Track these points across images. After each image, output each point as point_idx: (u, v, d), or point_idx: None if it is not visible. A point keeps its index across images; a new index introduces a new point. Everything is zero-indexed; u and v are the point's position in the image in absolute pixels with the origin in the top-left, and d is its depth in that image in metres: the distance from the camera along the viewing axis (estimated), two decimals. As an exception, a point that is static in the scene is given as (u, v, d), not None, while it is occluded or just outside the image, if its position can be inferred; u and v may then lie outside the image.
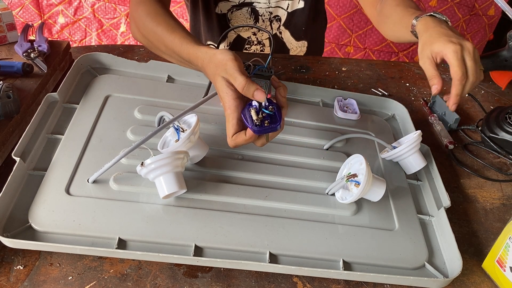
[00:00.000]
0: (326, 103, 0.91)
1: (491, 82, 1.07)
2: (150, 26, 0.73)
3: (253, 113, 0.59)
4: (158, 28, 0.71)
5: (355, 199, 0.65)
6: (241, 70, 0.60)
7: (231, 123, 0.61)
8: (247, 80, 0.59)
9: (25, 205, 0.61)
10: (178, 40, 0.69)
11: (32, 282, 0.56)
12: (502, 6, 0.73)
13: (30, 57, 0.84)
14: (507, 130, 0.84)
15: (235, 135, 0.61)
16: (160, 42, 0.72)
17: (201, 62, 0.65)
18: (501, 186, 0.80)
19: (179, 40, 0.69)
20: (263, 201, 0.66)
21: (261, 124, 0.58)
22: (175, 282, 0.58)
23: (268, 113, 0.59)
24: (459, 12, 1.86)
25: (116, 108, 0.77)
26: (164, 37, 0.70)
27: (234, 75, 0.59)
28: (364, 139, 0.81)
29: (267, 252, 0.61)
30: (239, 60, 0.61)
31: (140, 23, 0.75)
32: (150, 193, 0.64)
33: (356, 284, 0.61)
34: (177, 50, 0.69)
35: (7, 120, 0.71)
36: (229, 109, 0.61)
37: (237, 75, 0.59)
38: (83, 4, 1.84)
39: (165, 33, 0.70)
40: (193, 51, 0.67)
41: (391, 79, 1.04)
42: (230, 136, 0.61)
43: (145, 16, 0.74)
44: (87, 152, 0.68)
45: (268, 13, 1.07)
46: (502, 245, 0.61)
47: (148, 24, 0.73)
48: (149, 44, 0.76)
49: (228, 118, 0.61)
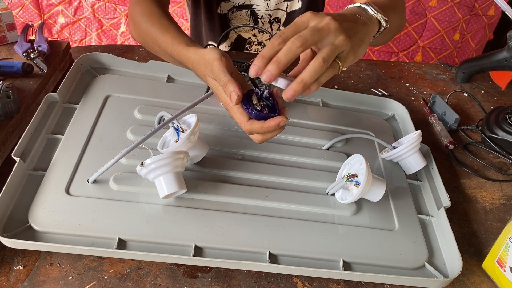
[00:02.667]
0: (326, 103, 0.91)
1: (491, 82, 1.07)
2: (144, 26, 0.73)
3: (254, 98, 0.59)
4: (152, 29, 0.71)
5: (355, 199, 0.65)
6: (226, 68, 0.59)
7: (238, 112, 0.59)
8: (228, 80, 0.57)
9: (25, 205, 0.61)
10: (170, 40, 0.69)
11: (32, 282, 0.56)
12: (502, 6, 0.73)
13: (30, 57, 0.84)
14: (507, 130, 0.84)
15: (250, 121, 0.59)
16: (154, 42, 0.72)
17: (191, 64, 0.65)
18: (501, 186, 0.80)
19: (171, 40, 0.68)
20: (263, 201, 0.66)
21: (260, 110, 0.59)
22: (175, 282, 0.58)
23: (267, 103, 0.60)
24: (459, 12, 1.86)
25: (116, 108, 0.77)
26: (157, 37, 0.70)
27: (219, 75, 0.58)
28: (364, 139, 0.81)
29: (267, 252, 0.61)
30: (226, 57, 0.60)
31: (136, 23, 0.75)
32: (150, 193, 0.64)
33: (356, 284, 0.61)
34: (169, 51, 0.69)
35: (7, 120, 0.71)
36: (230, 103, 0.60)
37: (221, 75, 0.58)
38: (83, 4, 1.84)
39: (158, 34, 0.70)
40: (183, 53, 0.66)
41: (391, 79, 1.04)
42: (245, 121, 0.59)
43: (141, 16, 0.74)
44: (87, 152, 0.68)
45: (267, 15, 1.07)
46: (502, 245, 0.61)
47: (143, 24, 0.73)
48: (146, 44, 0.76)
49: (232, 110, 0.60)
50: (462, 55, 1.98)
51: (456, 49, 1.97)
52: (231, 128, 0.78)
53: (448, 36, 1.92)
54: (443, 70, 1.10)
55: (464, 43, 1.96)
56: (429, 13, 1.86)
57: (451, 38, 1.92)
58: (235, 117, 0.60)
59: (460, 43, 1.95)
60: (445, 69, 1.10)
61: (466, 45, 1.97)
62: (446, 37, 1.92)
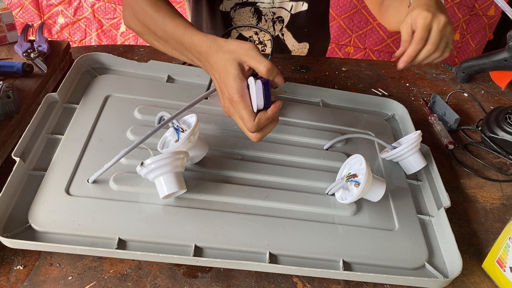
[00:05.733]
0: (326, 103, 0.91)
1: (491, 82, 1.07)
2: (149, 11, 0.73)
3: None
4: (159, 14, 0.72)
5: (355, 199, 0.65)
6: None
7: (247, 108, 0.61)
8: (272, 63, 0.61)
9: (25, 205, 0.61)
10: (182, 26, 0.69)
11: (32, 282, 0.56)
12: (502, 6, 0.73)
13: (30, 57, 0.84)
14: (507, 130, 0.84)
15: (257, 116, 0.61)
16: (159, 27, 0.72)
17: (206, 49, 0.65)
18: (501, 186, 0.80)
19: (183, 26, 0.69)
20: (263, 201, 0.66)
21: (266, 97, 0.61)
22: (175, 282, 0.58)
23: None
24: (459, 12, 1.86)
25: (116, 108, 0.77)
26: (166, 22, 0.71)
27: (259, 58, 0.61)
28: (364, 139, 0.81)
29: (267, 252, 0.61)
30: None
31: (138, 8, 0.75)
32: (150, 193, 0.64)
33: (356, 284, 0.61)
34: (179, 35, 0.69)
35: (7, 120, 0.71)
36: (238, 94, 0.61)
37: (263, 58, 0.61)
38: (83, 4, 1.84)
39: (167, 19, 0.71)
40: (198, 38, 0.67)
41: (391, 79, 1.04)
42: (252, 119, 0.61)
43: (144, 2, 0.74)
44: (87, 152, 0.68)
45: (271, 13, 1.07)
46: (502, 245, 0.61)
47: (147, 9, 0.73)
48: (144, 30, 0.76)
49: (239, 105, 0.61)
50: (462, 55, 1.98)
51: (456, 49, 1.97)
52: (231, 128, 0.78)
53: (448, 36, 1.91)
54: (443, 70, 1.10)
55: (464, 43, 1.96)
56: (429, 13, 1.86)
57: (451, 38, 1.92)
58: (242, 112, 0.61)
59: (460, 43, 1.95)
60: (445, 69, 1.10)
61: (466, 45, 1.97)
62: (446, 37, 1.92)
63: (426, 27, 0.70)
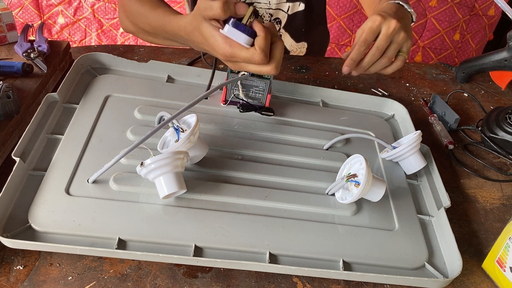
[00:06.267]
0: (326, 103, 0.91)
1: (491, 82, 1.07)
2: (134, 7, 0.73)
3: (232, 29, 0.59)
4: (142, 8, 0.72)
5: (355, 199, 0.65)
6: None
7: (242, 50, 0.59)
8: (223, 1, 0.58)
9: (25, 205, 0.60)
10: (161, 15, 0.69)
11: (32, 282, 0.56)
12: (502, 6, 0.73)
13: (30, 57, 0.84)
14: (507, 130, 0.84)
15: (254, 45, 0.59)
16: (145, 22, 0.72)
17: (184, 31, 0.65)
18: (501, 186, 0.80)
19: (163, 14, 0.68)
20: (263, 201, 0.66)
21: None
22: (175, 282, 0.58)
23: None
24: (459, 12, 1.86)
25: (116, 108, 0.77)
26: (148, 15, 0.70)
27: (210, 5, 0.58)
28: (364, 139, 0.81)
29: (267, 252, 0.61)
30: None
31: (127, 8, 0.75)
32: (150, 193, 0.64)
33: (356, 284, 0.61)
34: (161, 25, 0.69)
35: (7, 120, 0.71)
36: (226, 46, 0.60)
37: (213, 3, 0.58)
38: (83, 4, 1.84)
39: (149, 11, 0.71)
40: (175, 21, 0.66)
41: (391, 79, 1.04)
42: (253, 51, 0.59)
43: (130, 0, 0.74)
44: (87, 152, 0.68)
45: (268, 14, 1.07)
46: (502, 245, 0.61)
47: (132, 6, 0.73)
48: (137, 29, 0.76)
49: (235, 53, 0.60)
50: (462, 55, 1.98)
51: (456, 49, 1.97)
52: (231, 128, 0.78)
53: (448, 36, 1.92)
54: (443, 70, 1.10)
55: (464, 43, 1.96)
56: (429, 13, 1.86)
57: (451, 38, 1.93)
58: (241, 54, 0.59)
59: (460, 43, 1.95)
60: (445, 69, 1.10)
61: (466, 45, 1.97)
62: (446, 37, 1.92)
63: (372, 30, 0.67)
